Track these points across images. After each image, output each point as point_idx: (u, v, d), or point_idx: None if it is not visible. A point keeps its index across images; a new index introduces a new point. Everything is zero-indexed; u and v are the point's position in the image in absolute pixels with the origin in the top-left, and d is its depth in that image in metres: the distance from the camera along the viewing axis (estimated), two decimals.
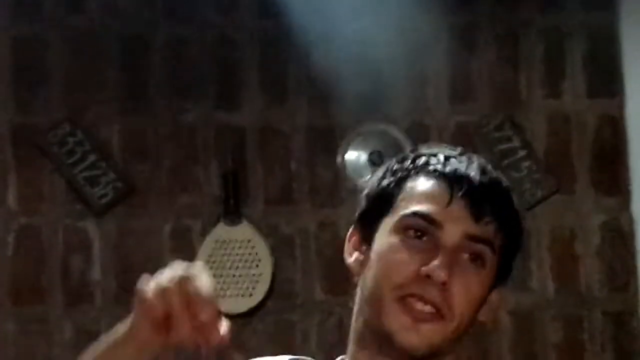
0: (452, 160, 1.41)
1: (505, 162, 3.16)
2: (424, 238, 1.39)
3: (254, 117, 3.19)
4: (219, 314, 1.30)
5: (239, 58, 3.17)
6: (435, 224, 1.39)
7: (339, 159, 3.13)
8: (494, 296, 1.43)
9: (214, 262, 3.11)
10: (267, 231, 3.13)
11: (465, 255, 1.38)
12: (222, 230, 3.13)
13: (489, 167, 1.43)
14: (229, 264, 3.12)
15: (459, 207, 1.39)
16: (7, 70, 3.19)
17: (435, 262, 1.36)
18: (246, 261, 3.12)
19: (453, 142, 3.14)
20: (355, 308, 1.43)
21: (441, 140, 3.14)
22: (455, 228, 1.39)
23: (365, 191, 1.46)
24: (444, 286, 1.36)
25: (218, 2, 3.22)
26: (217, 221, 3.13)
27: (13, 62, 3.20)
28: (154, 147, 3.16)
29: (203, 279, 1.31)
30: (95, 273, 3.12)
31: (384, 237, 1.40)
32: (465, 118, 3.19)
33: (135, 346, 1.40)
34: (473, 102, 3.20)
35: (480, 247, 1.38)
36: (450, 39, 3.21)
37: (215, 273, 3.10)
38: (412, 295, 1.37)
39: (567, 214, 3.16)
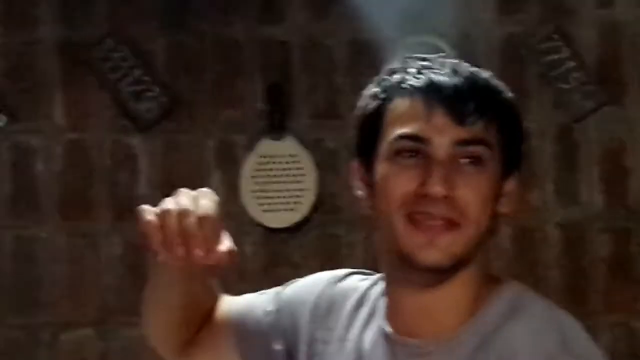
0: (424, 71, 1.38)
1: (554, 73, 3.12)
2: (417, 157, 1.37)
3: (299, 31, 3.16)
4: (220, 237, 1.33)
5: None
6: (423, 141, 1.37)
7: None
8: (509, 186, 1.41)
9: (258, 176, 3.12)
10: (312, 146, 3.12)
11: (462, 161, 1.37)
12: (266, 145, 3.13)
13: (464, 65, 1.40)
14: (273, 179, 3.12)
15: (440, 117, 1.37)
16: None
17: (431, 180, 1.35)
18: (291, 176, 3.12)
19: (500, 53, 3.15)
20: (377, 239, 1.43)
21: (488, 51, 3.10)
22: (443, 139, 1.37)
23: (355, 121, 1.45)
24: (447, 199, 1.35)
25: None
26: (262, 136, 3.13)
27: None
28: (198, 61, 3.15)
29: (205, 203, 1.34)
30: (142, 188, 3.15)
31: (380, 165, 1.39)
32: (512, 29, 3.14)
33: (166, 274, 1.50)
34: (521, 13, 3.15)
35: (473, 149, 1.37)
36: None
37: (260, 188, 3.11)
38: (420, 213, 1.36)
39: (617, 126, 3.13)
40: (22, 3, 3.20)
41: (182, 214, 1.32)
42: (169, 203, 1.34)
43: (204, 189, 1.38)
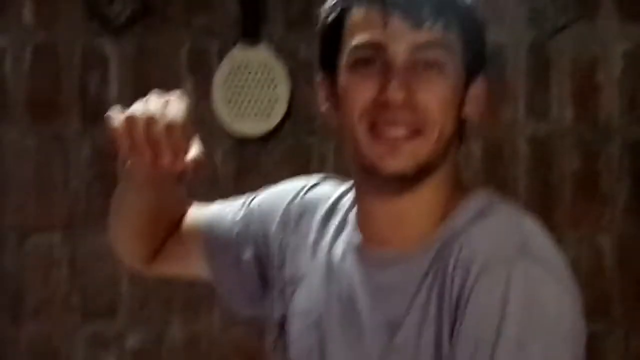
0: None
1: None
2: (375, 65, 1.35)
3: None
4: (189, 144, 1.32)
5: None
6: (380, 48, 1.35)
7: None
8: (474, 90, 1.40)
9: (231, 84, 3.10)
10: (286, 54, 3.10)
11: (421, 66, 1.35)
12: (240, 52, 3.10)
13: None
14: (246, 87, 3.10)
15: (397, 23, 1.35)
16: None
17: (390, 86, 1.34)
18: (264, 84, 3.10)
19: None
20: (345, 150, 1.42)
21: None
22: (399, 44, 1.35)
23: (317, 33, 1.43)
24: (407, 105, 1.34)
25: None
26: (235, 43, 3.10)
27: None
28: None
29: (175, 108, 1.33)
30: (112, 92, 3.12)
31: (341, 76, 1.38)
32: None
33: (136, 177, 1.49)
34: None
35: (431, 53, 1.35)
36: None
37: (232, 96, 3.10)
38: (381, 121, 1.35)
39: (589, 41, 3.12)
40: None
41: (151, 119, 1.31)
42: (137, 108, 1.33)
43: (175, 93, 1.37)
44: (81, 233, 3.11)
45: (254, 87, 3.10)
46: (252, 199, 1.61)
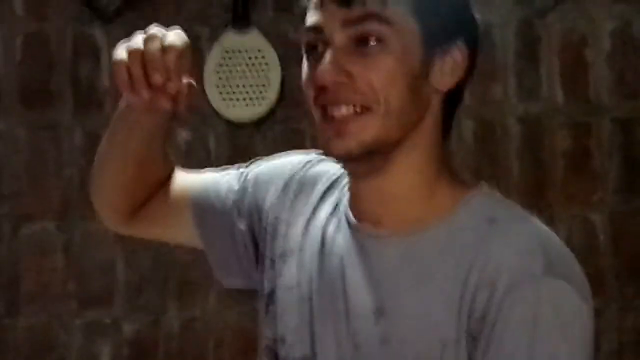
0: None
1: None
2: (319, 49, 1.35)
3: None
4: (183, 70, 1.34)
5: None
6: (318, 31, 1.34)
7: None
8: (442, 60, 1.36)
9: (222, 69, 3.10)
10: (277, 39, 3.10)
11: (357, 42, 1.33)
12: (230, 38, 3.10)
13: None
14: (237, 72, 3.10)
15: (329, 2, 1.33)
16: None
17: (320, 67, 1.32)
18: (255, 69, 3.10)
19: None
20: None
21: None
22: (332, 23, 1.33)
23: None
24: (346, 84, 1.32)
25: None
26: (226, 28, 3.10)
27: None
28: None
29: (173, 36, 1.34)
30: (105, 80, 3.12)
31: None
32: None
33: (128, 117, 1.49)
34: None
35: (363, 27, 1.32)
36: None
37: (223, 82, 3.10)
38: (328, 104, 1.34)
39: (578, 20, 3.13)
40: None
41: (148, 38, 1.33)
42: (138, 36, 1.35)
43: (177, 28, 1.38)
44: (76, 220, 3.12)
45: (245, 72, 3.10)
46: (248, 169, 1.60)
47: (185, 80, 1.34)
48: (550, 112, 3.13)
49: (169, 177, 1.63)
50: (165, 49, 1.32)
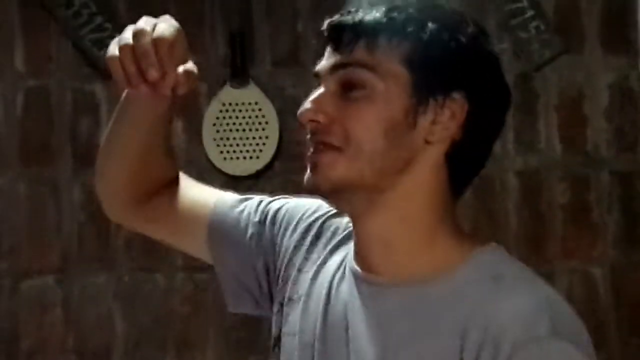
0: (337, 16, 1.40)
1: (514, 22, 3.13)
2: None
3: None
4: (179, 60, 1.33)
5: None
6: (318, 77, 1.39)
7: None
8: (434, 111, 1.35)
9: (220, 124, 3.11)
10: (274, 93, 3.12)
11: (343, 87, 1.35)
12: (228, 93, 3.12)
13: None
14: (236, 127, 3.12)
15: (328, 50, 1.38)
16: None
17: (302, 106, 1.37)
18: (253, 123, 3.12)
19: (460, 1, 3.13)
20: None
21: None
22: (325, 68, 1.37)
23: None
24: (323, 124, 1.35)
25: None
26: (224, 83, 3.12)
27: None
28: (159, 8, 3.10)
29: (164, 26, 1.34)
30: (103, 135, 3.12)
31: None
32: None
33: (130, 106, 1.49)
34: None
35: (347, 72, 1.35)
36: None
37: (222, 136, 3.11)
38: (307, 140, 1.38)
39: (575, 74, 3.15)
40: None
41: (137, 33, 1.32)
42: (128, 30, 1.35)
43: (166, 16, 1.38)
44: (74, 275, 3.11)
45: (244, 127, 3.11)
46: (272, 205, 1.58)
47: (181, 68, 1.33)
48: (548, 166, 3.14)
49: (174, 174, 1.61)
50: (156, 42, 1.31)
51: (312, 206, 1.56)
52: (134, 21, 1.39)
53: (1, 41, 3.14)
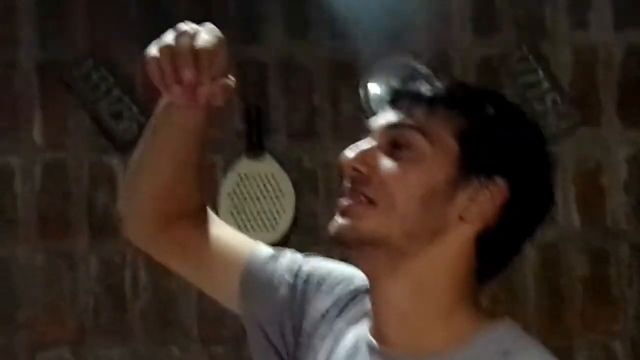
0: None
1: (530, 94, 3.14)
2: None
3: (276, 51, 3.17)
4: (218, 70, 1.33)
5: None
6: (370, 133, 1.41)
7: (361, 93, 3.12)
8: (473, 191, 1.36)
9: (236, 196, 3.12)
10: (290, 165, 3.13)
11: (391, 144, 1.37)
12: (244, 165, 3.13)
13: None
14: (251, 199, 3.12)
15: (386, 110, 1.40)
16: (32, 5, 3.19)
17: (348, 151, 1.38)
18: (269, 196, 3.12)
19: (476, 74, 3.17)
20: None
21: (464, 72, 3.12)
22: (380, 125, 1.39)
23: None
24: (364, 175, 1.36)
25: None
26: (240, 156, 3.13)
27: None
28: None
29: (203, 38, 1.33)
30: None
31: None
32: (489, 50, 3.16)
33: (165, 114, 1.47)
34: (497, 34, 3.17)
35: (399, 132, 1.37)
36: None
37: (238, 207, 3.12)
38: (344, 187, 1.38)
39: (593, 147, 3.15)
40: (2, 25, 3.20)
41: (179, 36, 1.32)
42: (169, 33, 1.35)
43: (210, 25, 1.37)
44: (90, 347, 3.11)
45: (259, 199, 3.12)
46: (305, 265, 1.56)
47: (219, 79, 1.33)
48: (567, 238, 3.13)
49: (202, 202, 1.58)
50: (196, 48, 1.31)
51: (346, 276, 1.53)
52: (151, 95, 1.40)
53: (20, 114, 3.17)
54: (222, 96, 1.34)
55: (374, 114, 1.42)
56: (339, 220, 1.36)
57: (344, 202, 1.36)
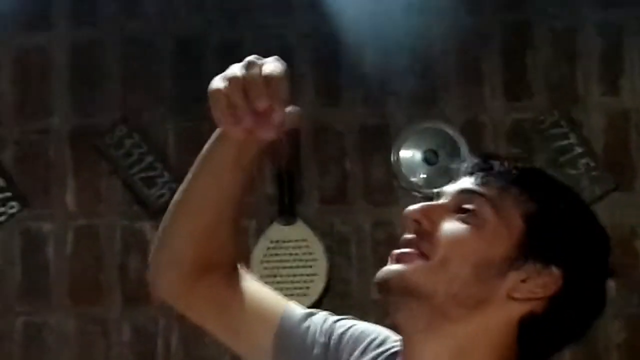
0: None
1: (563, 159, 3.13)
2: None
3: (308, 116, 3.18)
4: (286, 98, 1.30)
5: (293, 58, 3.17)
6: (442, 195, 1.41)
7: (393, 158, 3.13)
8: (528, 273, 1.34)
9: (269, 261, 3.12)
10: (322, 230, 3.13)
11: (458, 208, 1.37)
12: (277, 230, 3.14)
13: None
14: (284, 264, 3.12)
15: (462, 176, 1.41)
16: (66, 73, 3.23)
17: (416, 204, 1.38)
18: (301, 260, 3.13)
19: (508, 139, 3.16)
20: None
21: (496, 137, 3.12)
22: (451, 188, 1.40)
23: None
24: (424, 232, 1.35)
25: (272, 3, 3.23)
26: (272, 221, 3.14)
27: (71, 65, 3.24)
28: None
29: (271, 66, 1.31)
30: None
31: None
32: (521, 115, 3.16)
33: (223, 146, 1.44)
34: (529, 99, 3.17)
35: (469, 198, 1.37)
36: (505, 35, 3.19)
37: (270, 273, 3.11)
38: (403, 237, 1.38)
39: (626, 211, 3.13)
40: (36, 93, 3.24)
41: (248, 67, 1.29)
42: (233, 66, 1.32)
43: (274, 57, 1.34)
44: None
45: (292, 264, 3.12)
46: (337, 327, 1.54)
47: (286, 108, 1.31)
48: None
49: (235, 255, 1.56)
50: (266, 76, 1.29)
51: (378, 336, 1.52)
52: (184, 161, 1.39)
53: (53, 180, 3.20)
54: (291, 122, 1.33)
55: (405, 179, 1.42)
56: (389, 267, 1.36)
57: (399, 251, 1.36)
